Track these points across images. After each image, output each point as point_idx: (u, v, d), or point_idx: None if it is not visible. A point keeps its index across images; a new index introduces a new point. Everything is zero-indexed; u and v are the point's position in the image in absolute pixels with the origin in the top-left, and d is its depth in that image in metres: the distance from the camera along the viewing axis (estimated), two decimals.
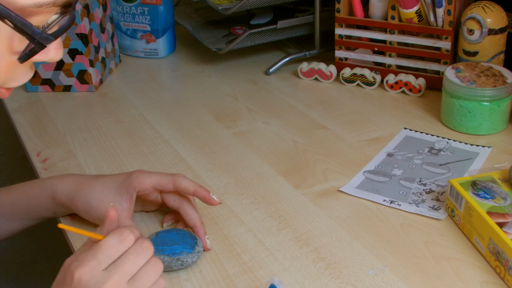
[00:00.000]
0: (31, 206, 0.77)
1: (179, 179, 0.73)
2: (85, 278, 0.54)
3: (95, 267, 0.54)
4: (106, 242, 0.56)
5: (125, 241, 0.57)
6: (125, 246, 0.56)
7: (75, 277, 0.54)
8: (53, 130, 1.02)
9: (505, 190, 0.74)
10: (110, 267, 0.55)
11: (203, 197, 0.72)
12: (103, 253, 0.55)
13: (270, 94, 1.12)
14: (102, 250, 0.55)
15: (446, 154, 0.90)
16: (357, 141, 0.95)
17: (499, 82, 0.93)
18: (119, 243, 0.56)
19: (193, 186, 0.72)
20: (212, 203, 0.72)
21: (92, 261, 0.55)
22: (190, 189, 0.72)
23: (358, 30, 1.13)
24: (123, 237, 0.56)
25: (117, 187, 0.74)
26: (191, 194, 0.73)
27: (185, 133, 1.00)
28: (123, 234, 0.57)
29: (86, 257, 0.55)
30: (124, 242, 0.56)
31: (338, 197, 0.82)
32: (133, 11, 1.26)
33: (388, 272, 0.68)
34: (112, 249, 0.56)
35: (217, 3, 1.20)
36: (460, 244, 0.72)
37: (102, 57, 1.18)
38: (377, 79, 1.11)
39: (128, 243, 0.57)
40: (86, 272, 0.54)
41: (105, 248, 0.55)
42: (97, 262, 0.55)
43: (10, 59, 0.47)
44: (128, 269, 0.56)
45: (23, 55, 0.47)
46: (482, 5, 0.98)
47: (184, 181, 0.73)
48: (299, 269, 0.69)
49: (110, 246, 0.56)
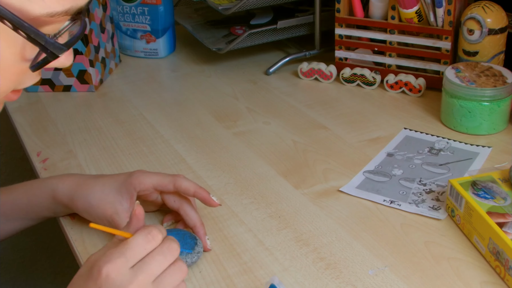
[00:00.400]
0: (31, 206, 0.77)
1: (180, 180, 0.73)
2: (113, 275, 0.54)
3: (123, 265, 0.55)
4: (135, 241, 0.56)
5: (153, 240, 0.57)
6: (152, 246, 0.57)
7: (103, 273, 0.54)
8: (53, 130, 1.02)
9: (505, 190, 0.74)
10: (136, 265, 0.56)
11: (203, 198, 0.73)
12: (131, 251, 0.55)
13: (270, 94, 1.12)
14: (131, 248, 0.55)
15: (446, 154, 0.90)
16: (357, 141, 0.95)
17: (499, 82, 0.93)
18: (147, 242, 0.56)
19: (193, 187, 0.73)
20: (212, 204, 0.73)
21: (120, 258, 0.55)
22: (190, 190, 0.72)
23: (358, 30, 1.13)
24: (151, 236, 0.57)
25: (118, 187, 0.74)
26: (191, 195, 0.73)
27: (185, 133, 1.00)
28: (152, 233, 0.57)
29: (114, 253, 0.55)
30: (152, 241, 0.57)
31: (338, 197, 0.82)
32: (133, 11, 1.26)
33: (388, 272, 0.68)
34: (140, 248, 0.56)
35: (217, 3, 1.20)
36: (460, 244, 0.72)
37: (102, 57, 1.18)
38: (377, 79, 1.11)
39: (156, 242, 0.57)
40: (114, 269, 0.54)
41: (133, 247, 0.56)
42: (125, 259, 0.55)
43: (22, 66, 0.47)
44: (154, 270, 0.56)
45: (36, 64, 0.47)
46: (482, 5, 0.98)
47: (184, 182, 0.73)
48: (299, 269, 0.69)
49: (138, 245, 0.56)
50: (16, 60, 0.46)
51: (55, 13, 0.45)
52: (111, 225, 0.73)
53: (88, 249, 0.74)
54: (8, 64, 0.46)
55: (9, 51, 0.45)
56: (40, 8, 0.44)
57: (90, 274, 0.55)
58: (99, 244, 0.75)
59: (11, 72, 0.46)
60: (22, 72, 0.47)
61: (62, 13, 0.45)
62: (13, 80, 0.47)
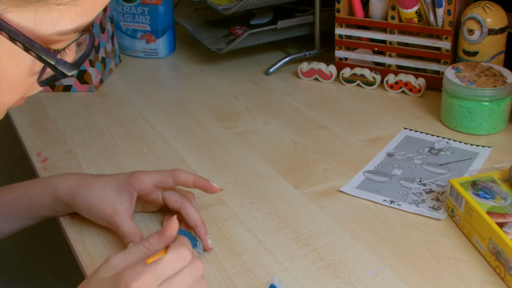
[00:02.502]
0: (32, 204, 0.77)
1: (178, 173, 0.73)
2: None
3: (152, 282, 0.55)
4: (166, 260, 0.56)
5: (183, 260, 0.57)
6: (181, 266, 0.57)
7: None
8: (53, 130, 1.02)
9: (505, 190, 0.74)
10: (164, 284, 0.56)
11: (203, 186, 0.73)
12: (162, 270, 0.56)
13: (270, 94, 1.12)
14: (162, 267, 0.56)
15: (446, 154, 0.90)
16: (357, 141, 0.95)
17: (499, 82, 0.93)
18: (178, 262, 0.57)
19: (192, 178, 0.73)
20: (214, 190, 0.73)
21: (149, 275, 0.55)
22: (189, 180, 0.73)
23: (358, 30, 1.13)
24: (182, 257, 0.57)
25: (118, 187, 0.74)
26: (191, 185, 0.73)
27: (185, 133, 1.00)
28: (183, 254, 0.57)
29: (144, 270, 0.55)
30: (182, 261, 0.57)
31: (338, 197, 0.82)
32: (133, 11, 1.26)
33: (388, 272, 0.68)
34: (170, 267, 0.56)
35: (217, 3, 1.20)
36: (460, 244, 0.72)
37: (102, 57, 1.18)
38: (377, 79, 1.11)
39: (185, 263, 0.57)
40: (142, 285, 0.54)
41: (164, 265, 0.56)
42: (155, 278, 0.55)
43: (30, 80, 0.46)
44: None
45: (44, 80, 0.47)
46: (482, 5, 0.98)
47: (183, 174, 0.73)
48: (299, 269, 0.69)
49: (169, 264, 0.56)
50: (25, 76, 0.46)
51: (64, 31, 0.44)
52: (110, 224, 0.74)
53: (88, 249, 0.74)
54: (17, 81, 0.45)
55: (19, 69, 0.45)
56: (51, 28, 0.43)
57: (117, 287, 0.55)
58: (99, 244, 0.75)
59: (20, 87, 0.46)
60: (30, 85, 0.47)
61: (72, 30, 0.45)
62: (21, 93, 0.47)
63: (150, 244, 0.59)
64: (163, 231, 0.59)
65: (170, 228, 0.59)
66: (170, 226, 0.59)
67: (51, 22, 0.43)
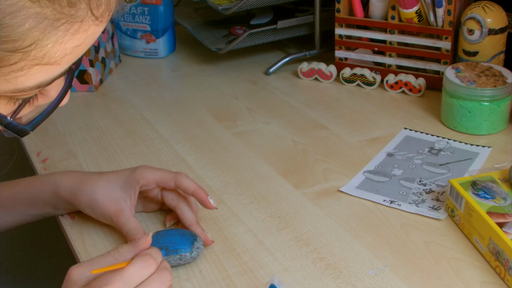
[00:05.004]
0: (32, 200, 0.77)
1: (181, 178, 0.73)
2: None
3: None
4: (132, 267, 0.57)
5: (149, 267, 0.58)
6: (148, 272, 0.58)
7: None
8: (53, 130, 1.02)
9: (505, 190, 0.74)
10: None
11: (200, 199, 0.73)
12: (129, 276, 0.57)
13: (270, 94, 1.12)
14: (129, 274, 0.57)
15: (446, 154, 0.90)
16: (357, 141, 0.95)
17: (499, 82, 0.93)
18: (144, 268, 0.58)
19: (192, 187, 0.73)
20: (208, 206, 0.73)
21: (118, 283, 0.56)
22: (189, 189, 0.73)
23: (358, 30, 1.13)
24: (147, 263, 0.58)
25: (122, 184, 0.74)
26: (190, 194, 0.73)
27: (185, 133, 1.00)
28: (148, 261, 0.58)
29: (112, 278, 0.56)
30: (148, 268, 0.58)
31: (338, 197, 0.82)
32: (133, 11, 1.26)
33: (388, 272, 0.68)
34: (138, 274, 0.57)
35: (217, 3, 1.20)
36: (460, 244, 0.72)
37: (102, 57, 1.18)
38: (377, 79, 1.11)
39: (152, 269, 0.58)
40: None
41: (131, 272, 0.57)
42: (123, 285, 0.56)
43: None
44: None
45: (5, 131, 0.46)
46: (482, 5, 0.98)
47: (185, 180, 0.73)
48: (299, 269, 0.69)
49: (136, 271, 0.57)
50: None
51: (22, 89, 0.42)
52: (113, 222, 0.73)
53: (88, 249, 0.74)
54: None
55: None
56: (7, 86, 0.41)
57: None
58: (99, 244, 0.75)
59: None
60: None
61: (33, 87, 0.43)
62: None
63: (119, 254, 0.59)
64: (135, 243, 0.60)
65: (144, 242, 0.60)
66: (144, 239, 0.60)
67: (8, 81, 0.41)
